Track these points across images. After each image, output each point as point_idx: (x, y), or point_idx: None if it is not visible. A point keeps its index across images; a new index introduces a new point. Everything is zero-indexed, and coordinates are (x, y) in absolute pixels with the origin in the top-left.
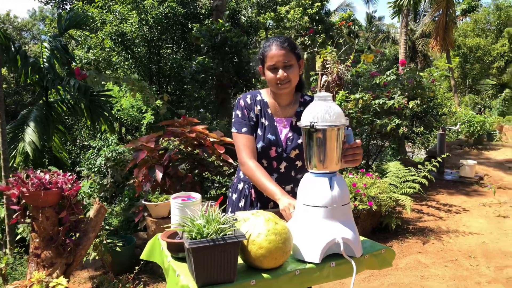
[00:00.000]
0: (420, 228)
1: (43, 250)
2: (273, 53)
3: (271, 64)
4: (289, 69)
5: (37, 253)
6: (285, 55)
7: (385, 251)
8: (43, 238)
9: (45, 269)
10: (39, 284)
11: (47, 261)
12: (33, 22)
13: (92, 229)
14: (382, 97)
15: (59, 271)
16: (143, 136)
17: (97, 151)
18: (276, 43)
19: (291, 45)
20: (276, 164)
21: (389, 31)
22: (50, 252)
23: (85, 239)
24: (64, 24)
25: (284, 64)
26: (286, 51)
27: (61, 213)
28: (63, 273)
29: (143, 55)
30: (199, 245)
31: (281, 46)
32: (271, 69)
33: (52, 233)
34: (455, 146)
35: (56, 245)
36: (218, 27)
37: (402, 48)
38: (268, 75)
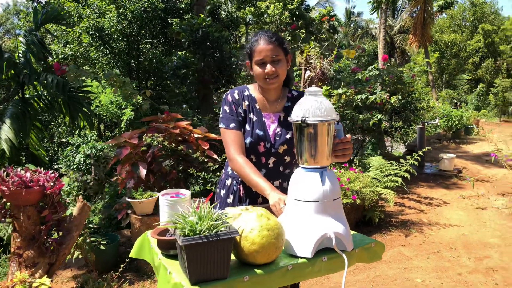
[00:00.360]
0: (403, 221)
1: (25, 250)
2: (261, 47)
3: (259, 58)
4: (277, 64)
5: (19, 253)
6: (273, 50)
7: (375, 244)
8: (24, 237)
9: (27, 269)
10: (22, 285)
11: (29, 261)
12: (6, 16)
13: (76, 227)
14: (364, 92)
15: (41, 271)
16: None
17: (76, 148)
18: (264, 38)
19: (279, 40)
20: (265, 159)
21: (368, 26)
22: (32, 251)
23: (69, 238)
24: (40, 18)
25: (272, 58)
26: (274, 46)
27: (43, 212)
28: (46, 273)
29: (122, 50)
30: (192, 242)
31: (269, 40)
32: (259, 63)
33: (34, 232)
34: (434, 140)
35: (38, 244)
36: (199, 22)
37: (381, 44)
38: (256, 70)
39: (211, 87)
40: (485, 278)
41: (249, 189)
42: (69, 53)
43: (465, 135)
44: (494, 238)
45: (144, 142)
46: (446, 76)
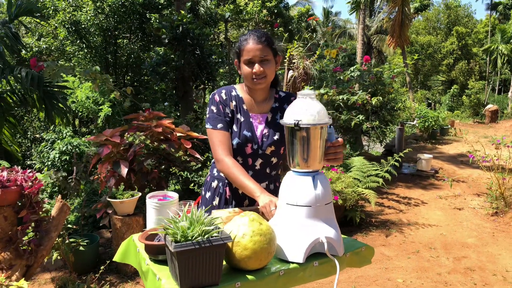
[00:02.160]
0: (382, 221)
1: (1, 251)
2: (250, 47)
3: (248, 58)
4: (266, 64)
5: None
6: (262, 50)
7: (365, 248)
8: (1, 239)
9: (3, 272)
10: None
11: (5, 263)
12: None
13: (54, 228)
14: (346, 92)
15: (18, 273)
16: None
17: (51, 144)
18: (253, 37)
19: (269, 40)
20: (252, 161)
21: (346, 26)
22: (8, 253)
23: (47, 239)
24: (15, 10)
25: (260, 58)
26: (263, 46)
27: (20, 213)
28: (23, 275)
29: (98, 44)
30: (184, 248)
31: (259, 40)
32: (247, 63)
33: (10, 233)
34: (411, 140)
35: (15, 246)
36: (180, 18)
37: (360, 44)
38: (244, 69)
39: (191, 84)
40: (464, 278)
41: (236, 191)
42: (43, 46)
43: (441, 136)
44: (471, 238)
45: (125, 141)
46: (421, 77)
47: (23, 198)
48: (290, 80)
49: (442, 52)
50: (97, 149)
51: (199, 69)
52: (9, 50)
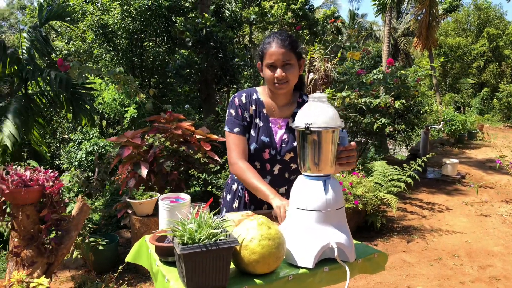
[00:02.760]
0: (404, 226)
1: (23, 249)
2: (272, 50)
3: (270, 62)
4: (288, 69)
5: (17, 252)
6: (284, 54)
7: (378, 255)
8: (23, 237)
9: (25, 269)
10: (19, 285)
11: (27, 261)
12: (10, 10)
13: (75, 227)
14: (368, 95)
15: (40, 270)
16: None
17: (78, 145)
18: (276, 41)
19: (292, 44)
20: (270, 166)
21: (372, 28)
22: (30, 251)
23: (67, 238)
24: (46, 15)
25: (283, 63)
26: (286, 50)
27: (42, 211)
28: (44, 273)
29: (125, 47)
30: (191, 251)
31: (282, 44)
32: (269, 67)
33: (32, 232)
34: (437, 145)
35: (37, 244)
36: (203, 22)
37: (386, 46)
38: (266, 73)
39: (214, 86)
40: (488, 287)
41: (255, 195)
42: (72, 49)
43: (468, 140)
44: (497, 246)
45: (146, 142)
46: (450, 79)
47: (45, 198)
48: (311, 83)
49: (472, 54)
50: (118, 150)
51: (222, 72)
52: (39, 53)
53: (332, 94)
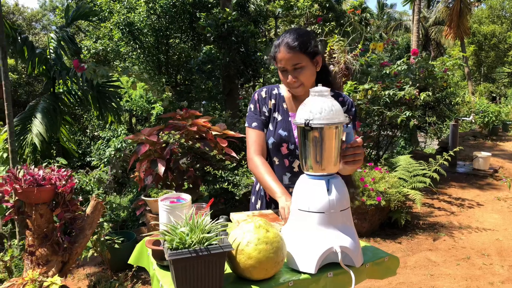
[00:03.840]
0: (431, 223)
1: (37, 247)
2: (281, 55)
3: (280, 66)
4: (299, 72)
5: (32, 251)
6: (293, 58)
7: (388, 259)
8: (37, 235)
9: (40, 267)
10: (32, 284)
11: (42, 259)
12: (43, 12)
13: (89, 226)
14: (393, 87)
15: (55, 269)
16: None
17: (106, 142)
18: (284, 45)
19: (302, 45)
20: (288, 162)
21: (401, 18)
22: (45, 249)
23: (81, 237)
24: (72, 15)
25: (293, 67)
26: (294, 54)
27: (55, 210)
28: (59, 271)
29: (151, 45)
30: (180, 256)
31: (289, 48)
32: (281, 71)
33: (46, 230)
34: (469, 137)
35: (51, 242)
36: (225, 16)
37: (415, 36)
38: (280, 76)
39: (237, 82)
40: None
41: None
42: (100, 48)
43: (503, 132)
44: None
45: (161, 140)
46: (485, 69)
47: (58, 197)
48: None
49: (507, 42)
50: (135, 147)
51: (245, 67)
52: (66, 53)
53: (354, 87)
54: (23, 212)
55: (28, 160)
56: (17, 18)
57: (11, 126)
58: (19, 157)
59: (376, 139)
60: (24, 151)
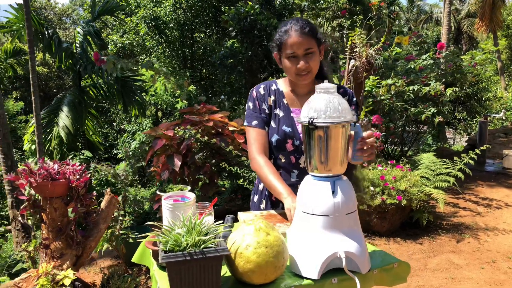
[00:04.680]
0: (455, 224)
1: (52, 241)
2: (292, 40)
3: (290, 52)
4: (310, 58)
5: (46, 244)
6: (306, 42)
7: (398, 265)
8: (52, 229)
9: (54, 260)
10: (45, 277)
11: (57, 252)
12: (73, 7)
13: (103, 220)
14: (418, 82)
15: (69, 262)
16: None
17: (132, 135)
18: (295, 28)
19: (313, 30)
20: (295, 159)
21: (432, 11)
22: (59, 243)
23: (95, 231)
24: (98, 10)
25: (305, 52)
26: (307, 38)
27: (69, 204)
28: (74, 264)
29: (176, 39)
30: (173, 259)
31: (302, 32)
32: (289, 57)
33: (60, 224)
34: (500, 134)
35: (65, 236)
36: (248, 10)
37: (445, 30)
38: (286, 64)
39: (259, 76)
40: None
41: None
42: (126, 42)
43: None
44: None
45: (177, 135)
46: None
47: (71, 191)
48: (352, 70)
49: None
50: (152, 142)
51: (267, 61)
52: (91, 47)
53: (376, 82)
54: (38, 205)
55: (55, 153)
56: (49, 13)
57: (38, 119)
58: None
59: (400, 135)
60: (51, 143)
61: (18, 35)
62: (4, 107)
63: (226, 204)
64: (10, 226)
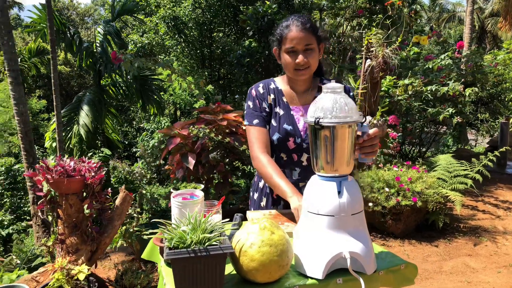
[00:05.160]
0: (472, 227)
1: (68, 236)
2: (293, 34)
3: (290, 46)
4: (310, 54)
5: (62, 239)
6: (306, 38)
7: (405, 266)
8: (68, 224)
9: (70, 255)
10: (61, 271)
11: (72, 247)
12: (94, 7)
13: (118, 217)
14: (436, 82)
15: (84, 257)
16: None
17: (150, 133)
18: (296, 24)
19: (313, 27)
20: (297, 157)
21: (455, 10)
22: (75, 238)
23: (110, 227)
24: (118, 10)
25: (305, 47)
26: (307, 33)
27: (84, 201)
28: (89, 260)
29: (195, 38)
30: (178, 256)
31: (303, 27)
32: (289, 52)
33: (76, 220)
34: None
35: (80, 232)
36: (265, 9)
37: (468, 29)
38: (286, 59)
39: (276, 75)
40: None
41: None
42: (146, 42)
43: None
44: None
45: (191, 134)
46: None
47: (87, 188)
48: (367, 70)
49: None
50: (167, 140)
51: None
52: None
53: (393, 82)
54: (54, 201)
55: (75, 150)
56: (71, 13)
57: (58, 117)
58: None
59: (418, 136)
60: (71, 141)
61: (41, 35)
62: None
63: (241, 203)
64: (31, 221)
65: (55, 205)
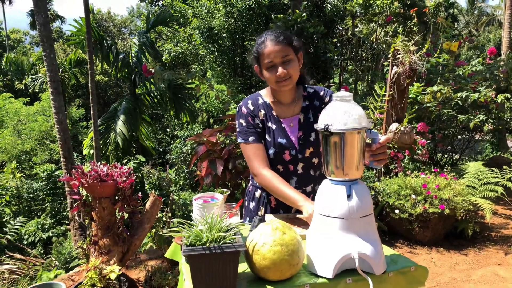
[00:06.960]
0: (504, 236)
1: (101, 238)
2: (269, 49)
3: (269, 61)
4: (288, 65)
5: (95, 240)
6: (282, 50)
7: (416, 269)
8: (101, 227)
9: (102, 256)
10: (94, 270)
11: (104, 248)
12: (131, 18)
13: (148, 220)
14: (467, 89)
15: (116, 258)
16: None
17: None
18: (270, 38)
19: (288, 39)
20: (293, 167)
21: (495, 13)
22: (107, 240)
23: (140, 230)
24: (152, 21)
25: (282, 59)
26: (282, 46)
27: (116, 205)
28: (120, 261)
29: (227, 47)
30: (193, 252)
31: (277, 40)
32: (269, 67)
33: (108, 222)
34: None
35: (112, 234)
36: (295, 18)
37: (506, 33)
38: (267, 75)
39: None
40: None
41: None
42: (180, 51)
43: None
44: None
45: (218, 141)
46: None
47: (118, 192)
48: (394, 77)
49: None
50: (196, 148)
51: (314, 68)
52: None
53: (421, 89)
54: (88, 204)
55: (111, 157)
56: (109, 25)
57: (95, 125)
58: (103, 153)
59: (450, 143)
60: (107, 148)
61: (80, 46)
62: (66, 114)
63: None
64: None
65: (89, 208)
